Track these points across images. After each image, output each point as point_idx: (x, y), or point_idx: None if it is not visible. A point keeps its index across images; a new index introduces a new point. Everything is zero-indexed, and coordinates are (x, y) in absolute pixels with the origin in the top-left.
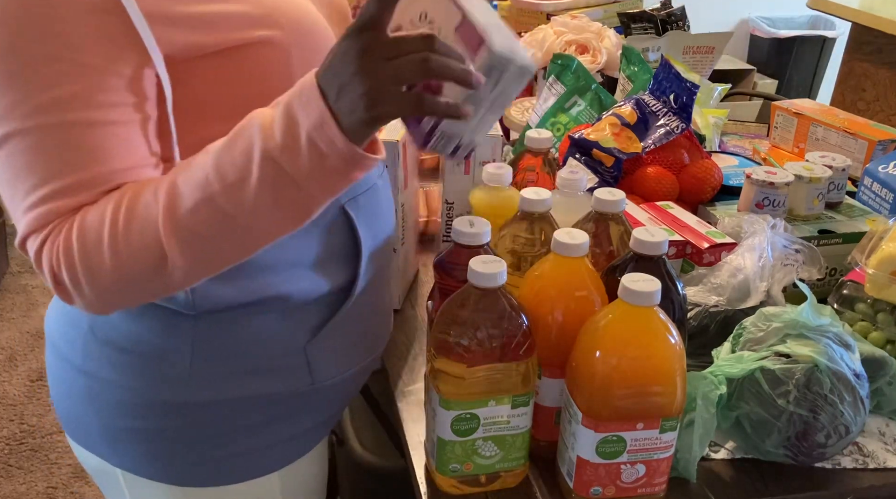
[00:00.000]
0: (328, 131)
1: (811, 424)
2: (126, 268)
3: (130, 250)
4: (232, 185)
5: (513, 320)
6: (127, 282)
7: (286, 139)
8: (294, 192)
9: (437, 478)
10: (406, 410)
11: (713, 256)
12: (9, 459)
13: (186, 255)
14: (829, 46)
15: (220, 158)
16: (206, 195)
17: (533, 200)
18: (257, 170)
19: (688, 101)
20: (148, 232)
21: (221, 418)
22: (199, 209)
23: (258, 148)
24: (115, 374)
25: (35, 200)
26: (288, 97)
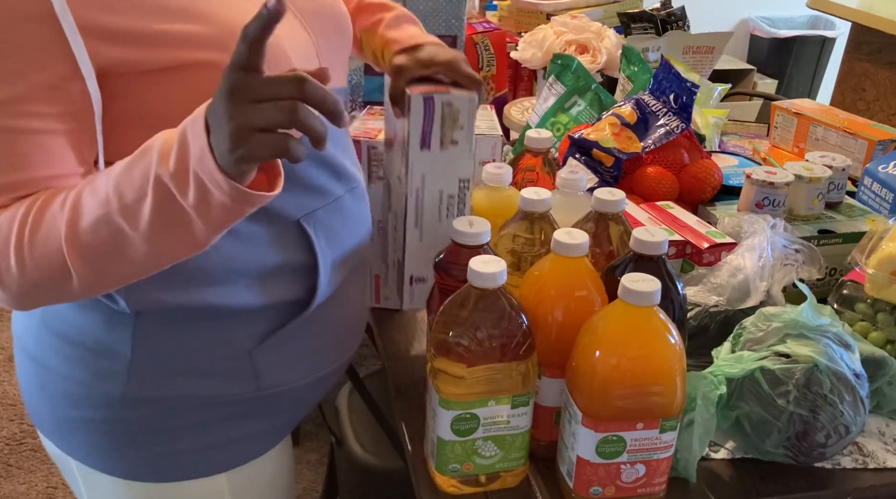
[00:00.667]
0: (208, 165)
1: (811, 424)
2: (30, 275)
3: (34, 259)
4: (128, 205)
5: (513, 320)
6: (32, 287)
7: (177, 166)
8: (184, 218)
9: (437, 478)
10: (405, 410)
11: (713, 256)
12: (9, 459)
13: (86, 268)
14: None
15: (120, 178)
16: (105, 213)
17: (533, 200)
18: (151, 193)
19: (688, 102)
20: (51, 243)
21: (162, 414)
22: (97, 227)
23: (154, 171)
24: (63, 364)
25: None
26: (184, 124)
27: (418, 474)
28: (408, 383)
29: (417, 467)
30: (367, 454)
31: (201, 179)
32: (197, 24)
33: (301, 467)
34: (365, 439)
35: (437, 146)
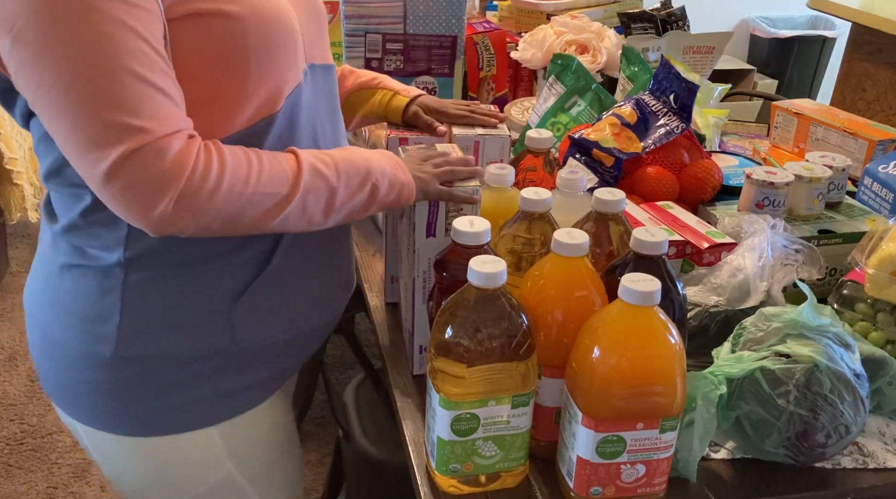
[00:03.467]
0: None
1: (811, 424)
2: (247, 199)
3: (260, 190)
4: (353, 188)
5: (513, 320)
6: (240, 204)
7: (390, 194)
8: (372, 210)
9: (437, 478)
10: (405, 409)
11: (713, 256)
12: (9, 459)
13: (296, 214)
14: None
15: (349, 175)
16: (331, 187)
17: (533, 200)
18: (367, 192)
19: (688, 102)
20: (276, 183)
21: (150, 372)
22: (321, 188)
23: (371, 181)
24: (59, 331)
25: (170, 112)
26: (394, 170)
27: (418, 474)
28: (408, 383)
29: (417, 467)
30: (374, 448)
31: (401, 197)
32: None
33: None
34: (371, 432)
35: (443, 234)
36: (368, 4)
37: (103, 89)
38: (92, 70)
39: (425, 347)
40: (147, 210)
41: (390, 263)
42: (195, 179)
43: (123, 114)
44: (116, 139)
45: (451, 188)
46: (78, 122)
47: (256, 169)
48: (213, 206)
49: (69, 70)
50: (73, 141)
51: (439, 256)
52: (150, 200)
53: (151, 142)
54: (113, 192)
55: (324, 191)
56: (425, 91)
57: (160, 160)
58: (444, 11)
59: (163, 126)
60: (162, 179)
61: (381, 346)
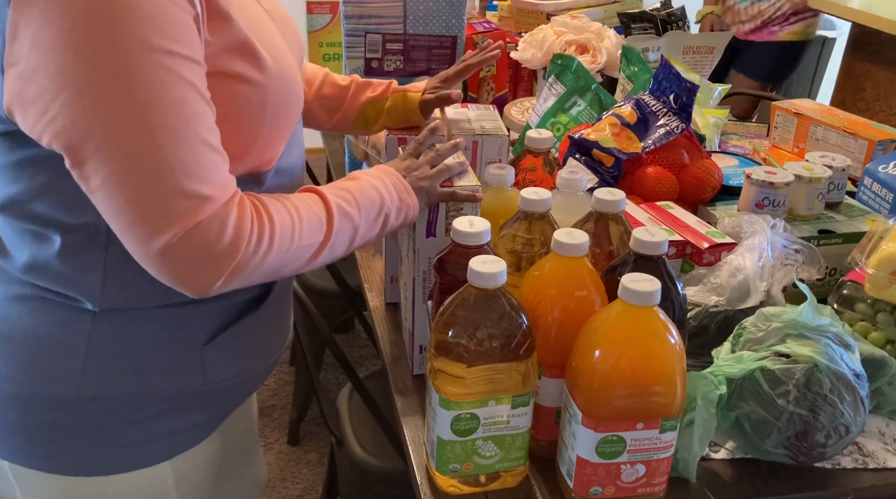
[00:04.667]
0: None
1: (811, 424)
2: (292, 255)
3: (301, 243)
4: (370, 222)
5: (513, 320)
6: (284, 261)
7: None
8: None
9: (437, 478)
10: (405, 409)
11: (713, 256)
12: None
13: (326, 258)
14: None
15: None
16: (355, 225)
17: (533, 200)
18: (381, 223)
19: (688, 101)
20: (314, 233)
21: (110, 411)
22: (347, 229)
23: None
24: (6, 368)
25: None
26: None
27: (418, 474)
28: (408, 383)
29: (418, 467)
30: (367, 455)
31: (408, 217)
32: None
33: (301, 467)
34: (365, 439)
35: (443, 234)
36: (368, 4)
37: (176, 156)
38: (164, 136)
39: (425, 347)
40: (203, 283)
41: (390, 263)
42: (251, 248)
43: (193, 181)
44: (184, 207)
45: (452, 188)
46: (139, 192)
47: (297, 225)
48: (263, 268)
49: (136, 135)
50: (130, 209)
51: (439, 257)
52: (209, 274)
53: (213, 212)
54: (169, 264)
55: (349, 230)
56: None
57: (221, 233)
58: (444, 11)
59: (225, 192)
60: (223, 254)
61: (381, 346)
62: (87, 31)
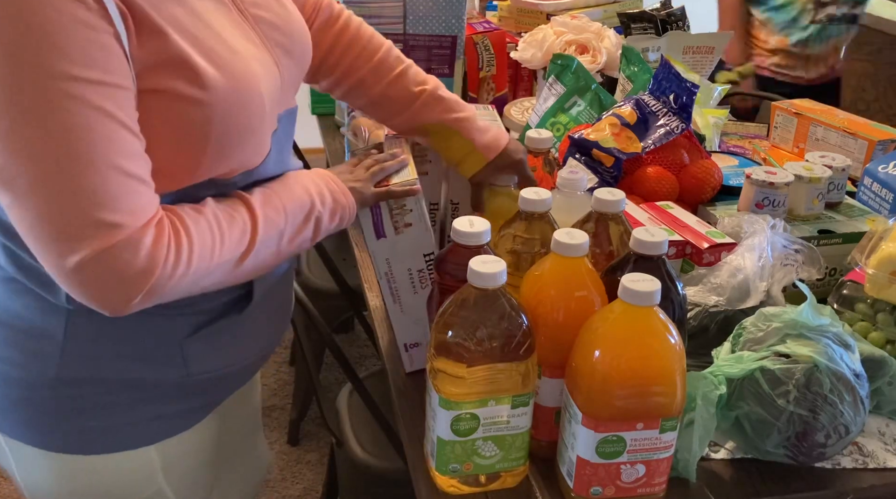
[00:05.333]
0: (352, 212)
1: (811, 424)
2: (212, 270)
3: (222, 259)
4: (297, 229)
5: (513, 320)
6: (204, 277)
7: (331, 212)
8: (318, 240)
9: (437, 478)
10: (405, 409)
11: (713, 256)
12: None
13: (250, 266)
14: None
15: (294, 215)
16: (280, 230)
17: (533, 200)
18: (311, 227)
19: (688, 101)
20: (235, 246)
21: (93, 393)
22: (273, 234)
23: (315, 212)
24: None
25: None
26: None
27: (418, 475)
28: (408, 383)
29: (417, 467)
30: (367, 455)
31: (344, 218)
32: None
33: (301, 467)
34: (365, 439)
35: (392, 233)
36: (368, 4)
37: (81, 184)
38: (69, 164)
39: (409, 345)
40: (116, 305)
41: None
42: (167, 271)
43: (101, 210)
44: (91, 234)
45: (387, 187)
46: (46, 214)
47: (219, 241)
48: (180, 287)
49: (41, 162)
50: (37, 230)
51: (439, 257)
52: (121, 297)
53: (125, 237)
54: (80, 285)
55: (275, 238)
56: None
57: (134, 257)
58: (444, 11)
59: (138, 219)
60: (135, 276)
61: (381, 346)
62: None
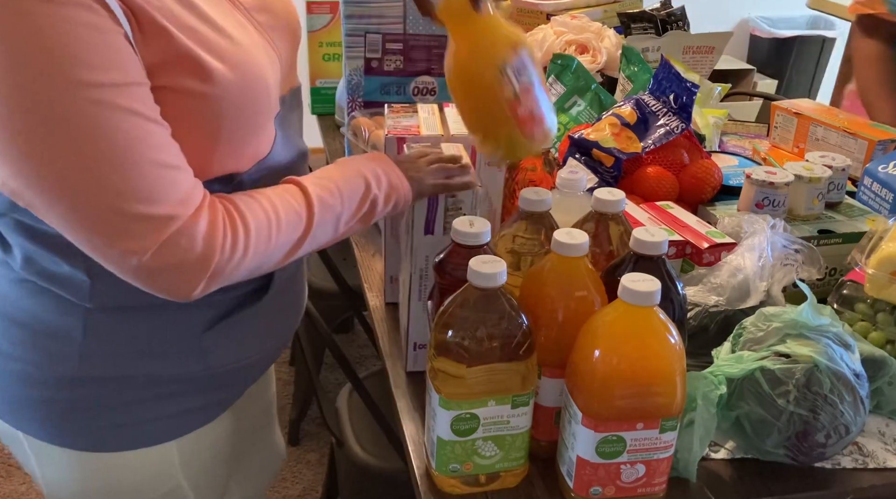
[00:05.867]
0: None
1: (811, 424)
2: (270, 253)
3: (280, 241)
4: (353, 210)
5: (513, 320)
6: (264, 260)
7: (386, 195)
8: (371, 222)
9: (437, 478)
10: (405, 409)
11: (713, 256)
12: (9, 459)
13: (307, 248)
14: (829, 46)
15: (351, 198)
16: (337, 214)
17: (533, 200)
18: (367, 208)
19: (688, 101)
20: (292, 229)
21: (113, 391)
22: (329, 219)
23: (371, 194)
24: (12, 346)
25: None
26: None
27: (418, 475)
28: (408, 382)
29: (417, 467)
30: (367, 455)
31: (398, 204)
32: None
33: (301, 467)
34: (365, 439)
35: (441, 232)
36: (368, 4)
37: (126, 186)
38: (110, 169)
39: (419, 345)
40: (183, 293)
41: (389, 263)
42: (225, 255)
43: (151, 205)
44: (147, 231)
45: (446, 180)
46: (99, 222)
47: (275, 224)
48: (241, 270)
49: (83, 174)
50: (95, 239)
51: (439, 257)
52: (186, 284)
53: (180, 228)
54: (146, 280)
55: (332, 221)
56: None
57: (192, 246)
58: None
59: (188, 206)
60: (196, 264)
61: (381, 346)
62: (8, 82)
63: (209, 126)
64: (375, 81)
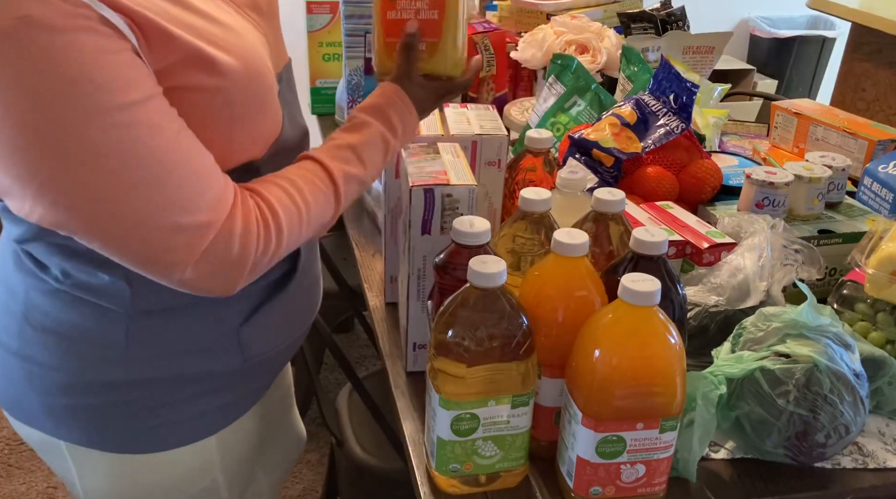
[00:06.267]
0: (415, 124)
1: (811, 424)
2: (304, 237)
3: (311, 227)
4: (377, 168)
5: (513, 320)
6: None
7: (403, 138)
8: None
9: (437, 478)
10: (405, 409)
11: (713, 256)
12: (9, 459)
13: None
14: (829, 46)
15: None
16: (362, 180)
17: (533, 200)
18: (385, 149)
19: (688, 101)
20: (322, 212)
21: (157, 393)
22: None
23: (389, 140)
24: (52, 357)
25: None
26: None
27: (418, 475)
28: (408, 382)
29: (417, 467)
30: (367, 455)
31: (409, 138)
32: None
33: (301, 467)
34: (365, 439)
35: (438, 232)
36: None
37: (162, 200)
38: (146, 188)
39: (419, 345)
40: (227, 291)
41: (389, 263)
42: (260, 249)
43: (187, 215)
44: (187, 242)
45: None
46: (141, 241)
47: (305, 213)
48: (276, 259)
49: (122, 198)
50: (139, 258)
51: (439, 257)
52: (229, 283)
53: (218, 233)
54: (192, 288)
55: (358, 188)
56: None
57: (229, 247)
58: None
59: (223, 209)
60: (236, 264)
61: (381, 346)
62: (35, 118)
63: (223, 116)
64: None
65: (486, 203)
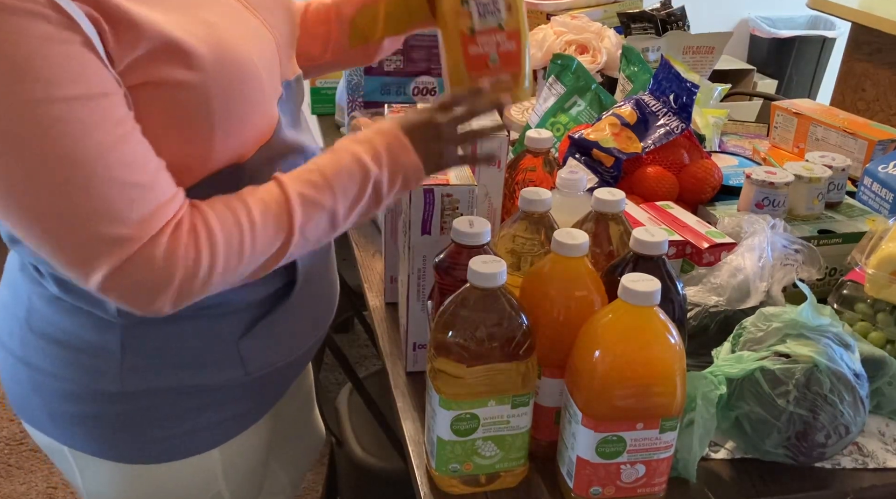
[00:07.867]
0: (419, 174)
1: (811, 424)
2: (247, 263)
3: (255, 251)
4: (352, 199)
5: (513, 320)
6: (243, 268)
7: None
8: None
9: (437, 478)
10: (405, 409)
11: (713, 256)
12: (9, 459)
13: (302, 248)
14: (829, 46)
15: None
16: (329, 208)
17: (533, 200)
18: (370, 193)
19: (688, 101)
20: (272, 235)
21: (156, 404)
22: (318, 215)
23: (371, 175)
24: (52, 365)
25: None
26: (387, 143)
27: (418, 474)
28: (408, 382)
29: (417, 467)
30: (367, 455)
31: (408, 181)
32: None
33: None
34: (365, 439)
35: (438, 232)
36: None
37: (84, 205)
38: (68, 187)
39: (419, 345)
40: (147, 308)
41: (389, 263)
42: (188, 274)
43: (109, 225)
44: (105, 251)
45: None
46: (58, 240)
47: (249, 234)
48: (211, 285)
49: (42, 192)
50: (57, 255)
51: (439, 257)
52: (150, 302)
53: (137, 250)
54: (111, 296)
55: (322, 216)
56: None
57: (149, 269)
58: None
59: (148, 228)
60: (156, 285)
61: (381, 346)
62: None
63: (200, 114)
64: (375, 81)
65: (485, 203)
